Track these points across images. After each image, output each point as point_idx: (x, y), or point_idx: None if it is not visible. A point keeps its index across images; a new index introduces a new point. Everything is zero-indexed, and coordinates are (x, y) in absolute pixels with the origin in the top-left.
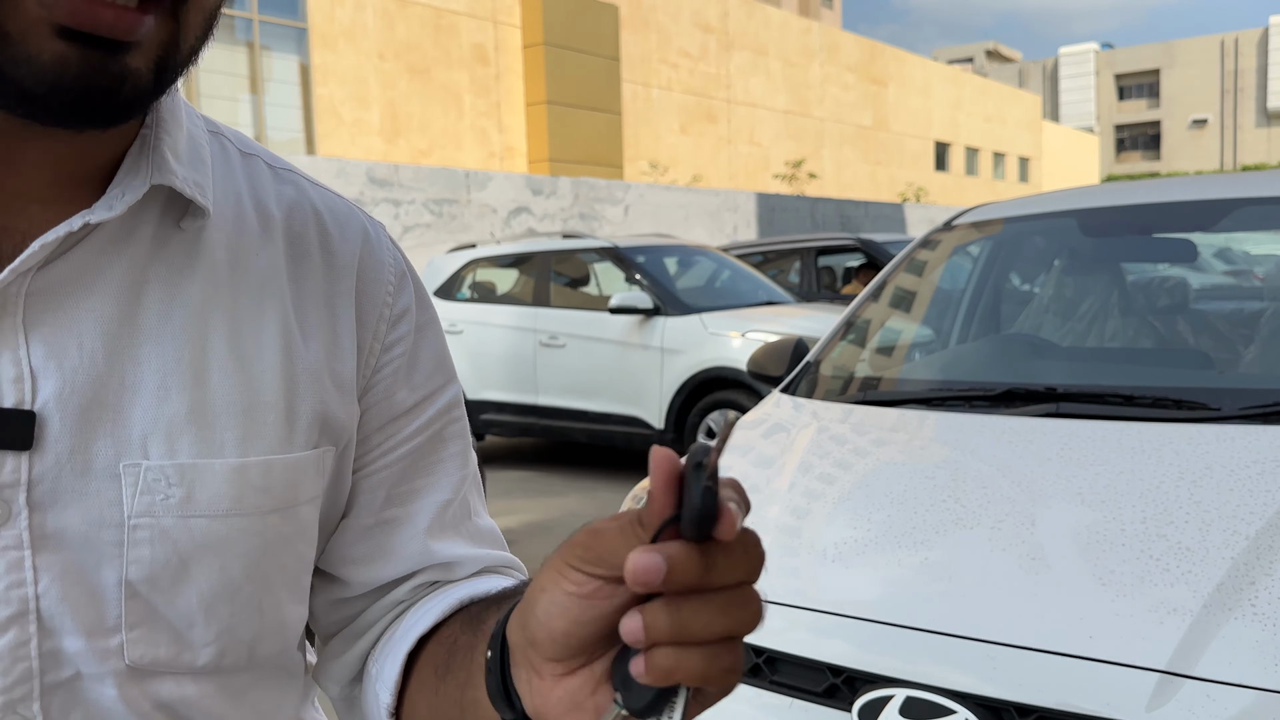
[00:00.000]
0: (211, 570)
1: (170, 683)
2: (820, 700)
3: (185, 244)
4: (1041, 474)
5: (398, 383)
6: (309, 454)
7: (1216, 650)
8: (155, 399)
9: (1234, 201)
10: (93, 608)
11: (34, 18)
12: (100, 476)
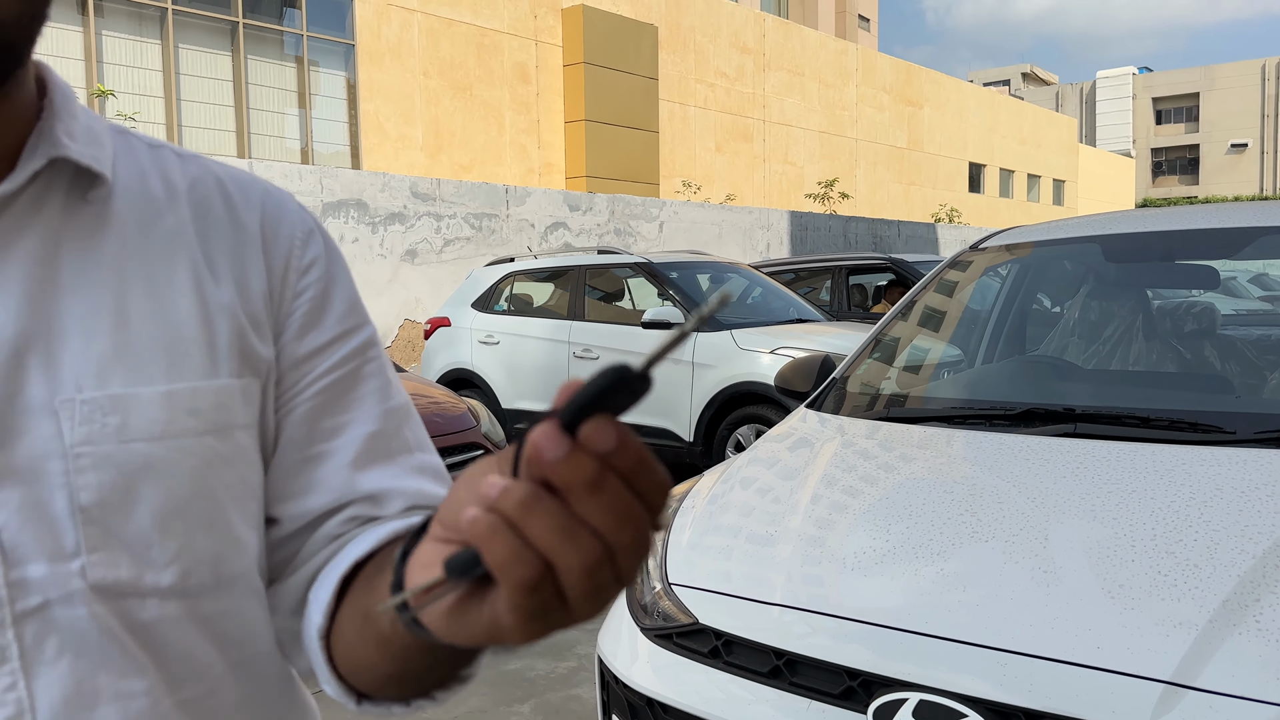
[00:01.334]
0: (158, 490)
1: (138, 604)
2: (837, 702)
3: (93, 212)
4: (1056, 491)
5: (309, 324)
6: (234, 382)
7: (1220, 663)
8: (82, 342)
9: (1257, 230)
10: (51, 535)
11: None
12: (38, 414)
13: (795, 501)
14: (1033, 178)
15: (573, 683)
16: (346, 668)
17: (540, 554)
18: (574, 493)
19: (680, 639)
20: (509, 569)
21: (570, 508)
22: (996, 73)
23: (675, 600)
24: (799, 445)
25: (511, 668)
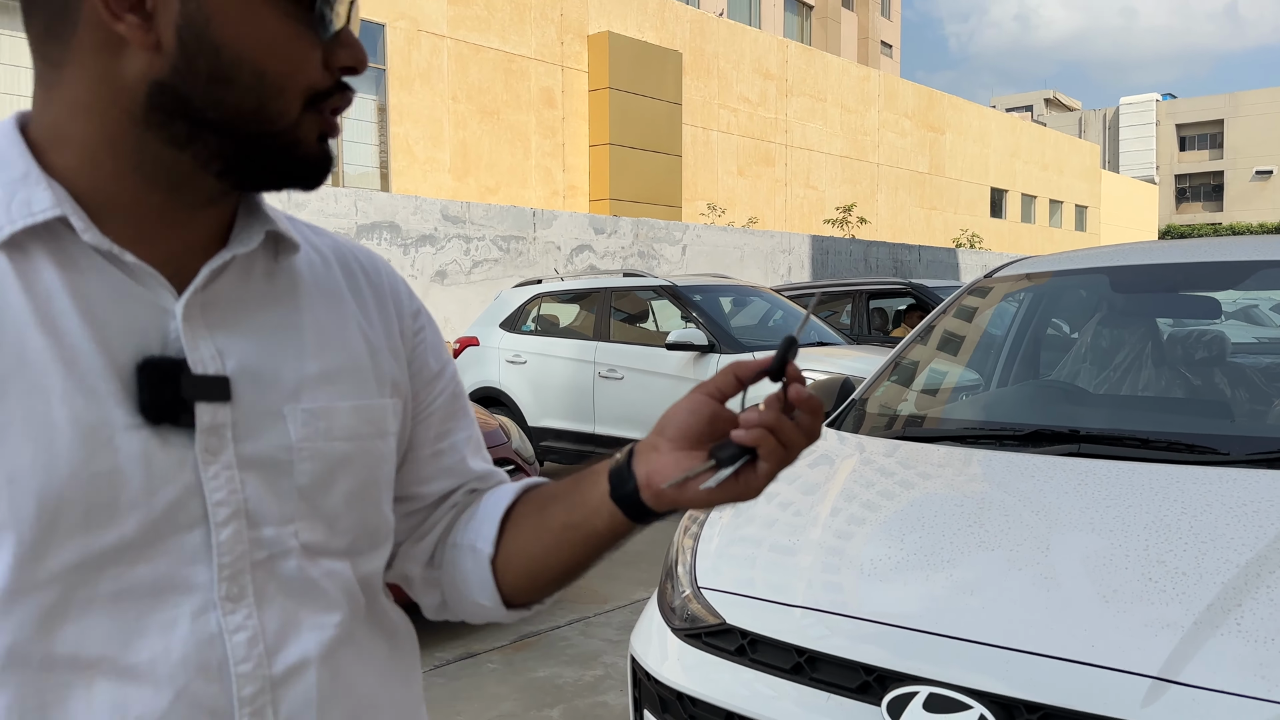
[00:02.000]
0: (347, 478)
1: (324, 560)
2: (854, 696)
3: (285, 272)
4: (1058, 505)
5: (424, 360)
6: (389, 401)
7: (1202, 661)
8: (297, 366)
9: (1257, 264)
10: (279, 506)
11: (309, 132)
12: (273, 417)
13: (815, 514)
14: (1055, 203)
15: (599, 690)
16: (511, 580)
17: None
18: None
19: (708, 638)
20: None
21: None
22: (1019, 98)
23: (704, 603)
24: (819, 462)
25: (541, 675)
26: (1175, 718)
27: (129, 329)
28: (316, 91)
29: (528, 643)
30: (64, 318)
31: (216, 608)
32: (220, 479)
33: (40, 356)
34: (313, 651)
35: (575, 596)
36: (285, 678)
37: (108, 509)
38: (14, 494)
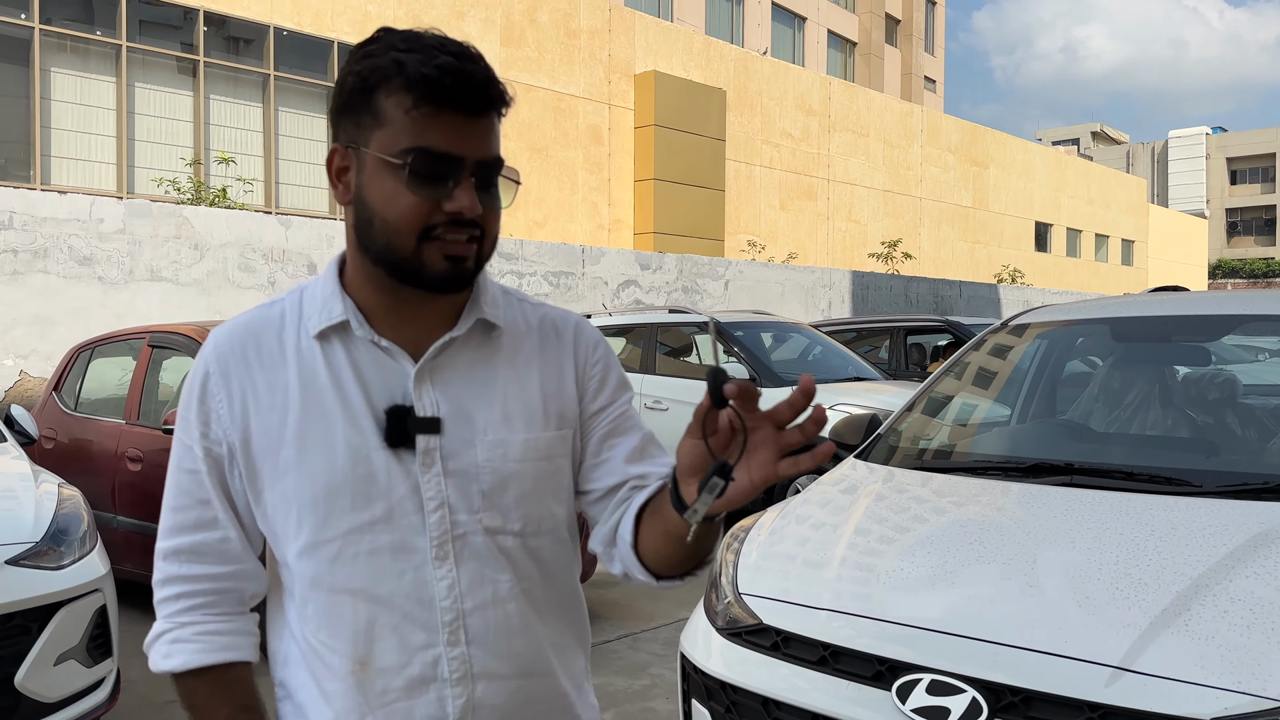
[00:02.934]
0: (517, 486)
1: (502, 538)
2: (869, 683)
3: (491, 343)
4: (1047, 527)
5: (596, 393)
6: (557, 434)
7: (1154, 653)
8: (486, 412)
9: (1238, 317)
10: (469, 501)
11: (432, 256)
12: (467, 444)
13: (841, 534)
14: (1100, 237)
15: (647, 697)
16: (649, 561)
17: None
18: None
19: (748, 636)
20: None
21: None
22: (1065, 131)
23: (744, 607)
24: (847, 490)
25: (594, 683)
26: (1130, 698)
27: (383, 387)
28: (428, 231)
29: None
30: (345, 381)
31: (429, 564)
32: (431, 484)
33: (332, 404)
34: (489, 597)
35: (624, 615)
36: (471, 612)
37: (365, 498)
38: (314, 487)
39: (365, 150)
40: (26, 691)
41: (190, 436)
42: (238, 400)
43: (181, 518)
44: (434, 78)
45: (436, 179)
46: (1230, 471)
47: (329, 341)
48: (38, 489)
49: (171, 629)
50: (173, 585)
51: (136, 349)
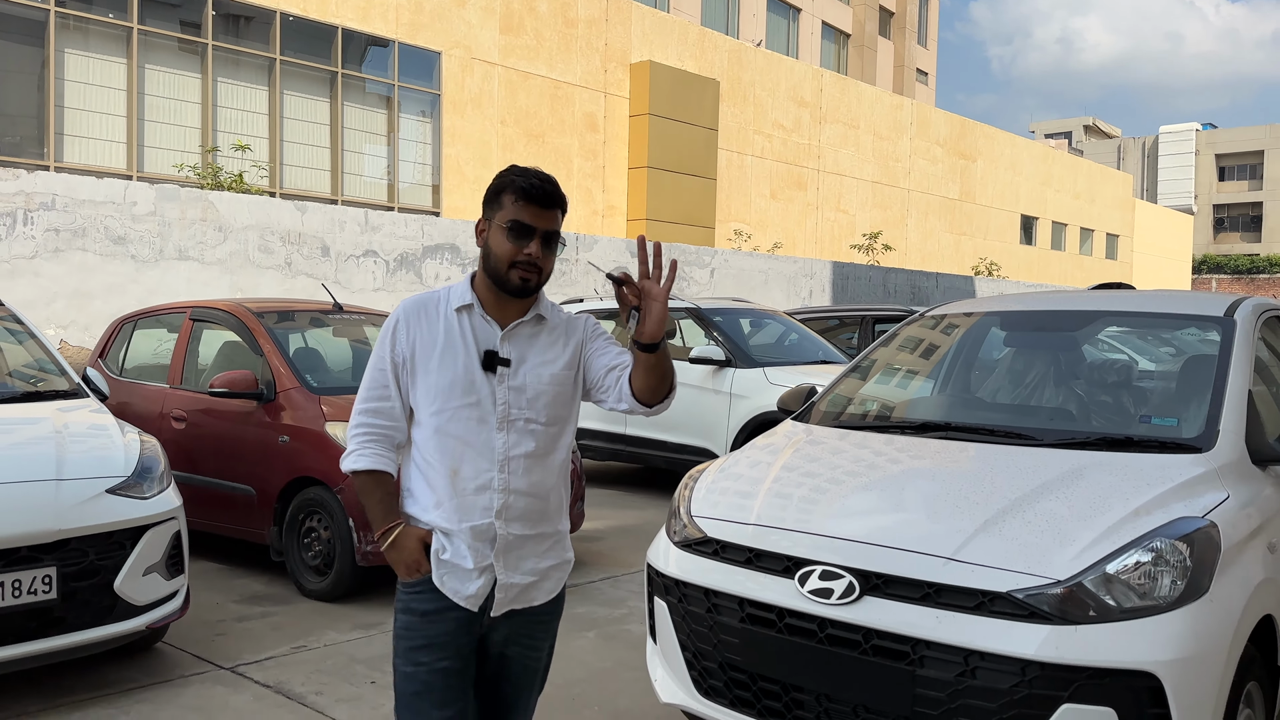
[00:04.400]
0: (546, 396)
1: (534, 424)
2: (779, 575)
3: (542, 327)
4: (918, 466)
5: (593, 342)
6: (571, 371)
7: (975, 548)
8: (534, 358)
9: (1099, 313)
10: (517, 402)
11: (514, 277)
12: (521, 374)
13: (769, 473)
14: (1086, 231)
15: (624, 622)
16: (640, 395)
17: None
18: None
19: (695, 546)
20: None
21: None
22: (1058, 124)
23: (694, 526)
24: (780, 442)
25: (579, 611)
26: (955, 578)
27: (485, 339)
28: (514, 262)
29: (569, 591)
30: (466, 334)
31: (494, 430)
32: (500, 392)
33: (458, 344)
34: (521, 452)
35: (608, 562)
36: (512, 459)
37: (467, 392)
38: (444, 382)
39: (495, 223)
40: (122, 595)
41: (384, 352)
42: (413, 336)
43: (372, 393)
44: (526, 188)
45: (522, 236)
46: (1061, 429)
47: (461, 314)
48: (124, 436)
49: (356, 450)
50: (361, 427)
51: (178, 321)
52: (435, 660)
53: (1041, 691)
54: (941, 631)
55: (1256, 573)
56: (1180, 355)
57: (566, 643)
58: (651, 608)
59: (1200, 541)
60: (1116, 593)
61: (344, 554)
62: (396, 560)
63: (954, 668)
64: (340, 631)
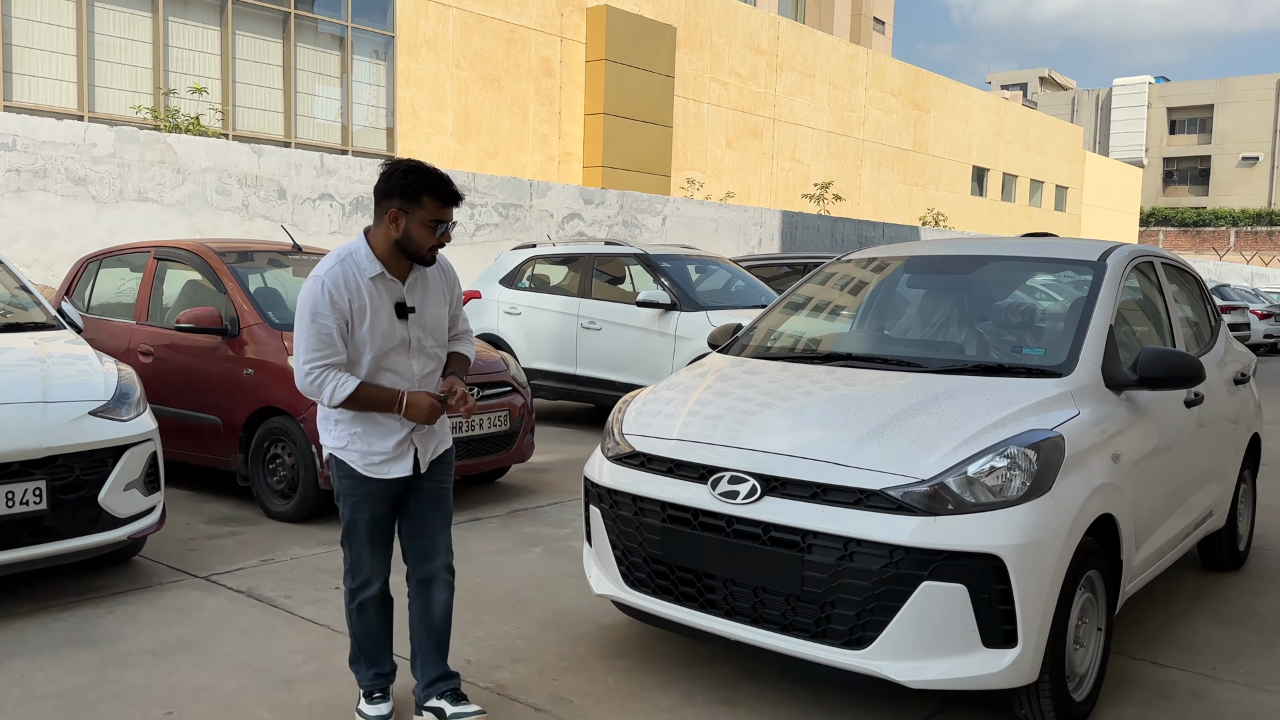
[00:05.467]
0: (437, 328)
1: (433, 348)
2: (695, 481)
3: (423, 274)
4: (818, 388)
5: (454, 304)
6: (445, 310)
7: (858, 454)
8: (427, 303)
9: (990, 258)
10: (422, 337)
11: (430, 257)
12: (418, 322)
13: (691, 396)
14: (1036, 183)
15: (569, 540)
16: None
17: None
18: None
19: (625, 460)
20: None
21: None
22: (1014, 76)
23: (626, 442)
24: (704, 370)
25: (528, 530)
26: (840, 479)
27: (394, 294)
28: (431, 246)
29: (518, 513)
30: (383, 294)
31: (411, 359)
32: (412, 331)
33: (381, 305)
34: (427, 371)
35: (555, 490)
36: (420, 378)
37: (395, 337)
38: (377, 334)
39: (414, 215)
40: (105, 507)
41: (326, 319)
42: (347, 303)
43: (322, 351)
44: (446, 196)
45: (438, 229)
46: (944, 359)
47: (374, 281)
48: (103, 364)
49: (332, 384)
50: (321, 369)
51: (142, 261)
52: (375, 509)
53: (907, 571)
54: (827, 523)
55: (1098, 477)
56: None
57: (515, 556)
58: (588, 515)
59: (1047, 449)
60: (974, 490)
61: (307, 478)
62: (417, 414)
63: (836, 553)
64: (305, 547)
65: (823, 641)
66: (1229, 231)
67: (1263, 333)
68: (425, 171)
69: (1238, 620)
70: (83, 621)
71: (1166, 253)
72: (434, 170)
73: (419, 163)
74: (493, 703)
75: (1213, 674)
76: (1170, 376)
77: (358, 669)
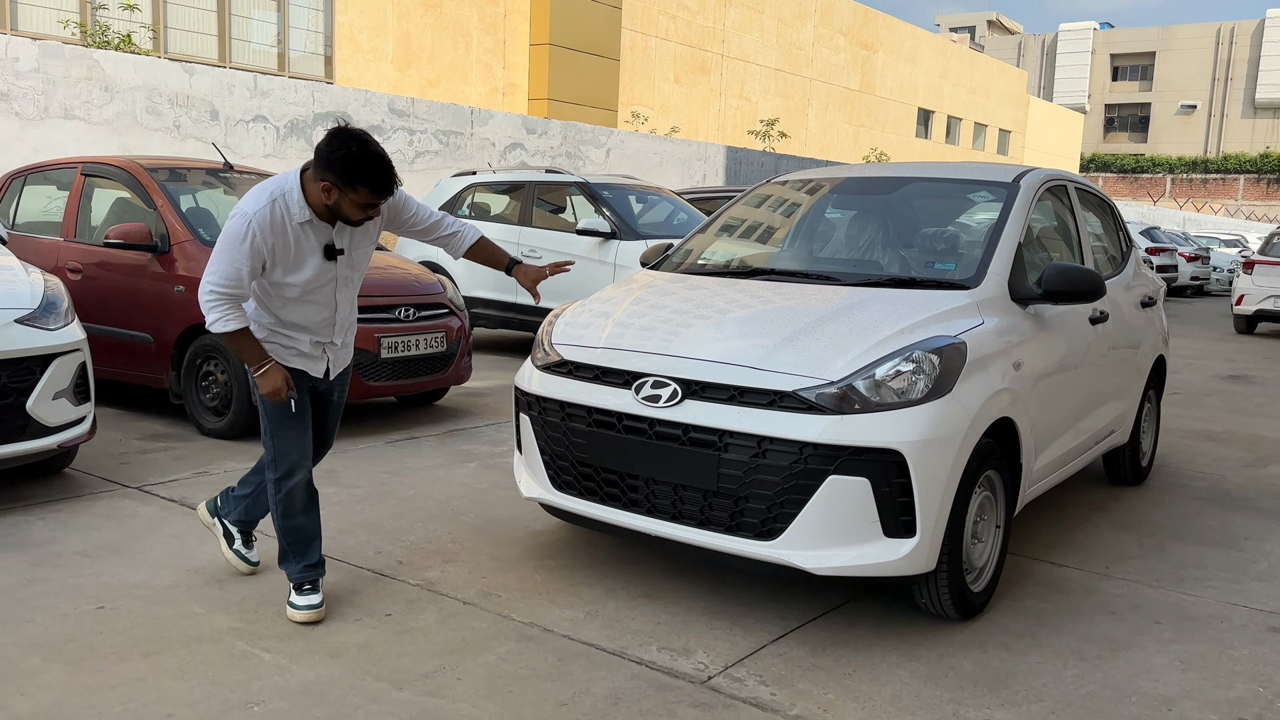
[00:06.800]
0: (363, 264)
1: (355, 280)
2: (620, 386)
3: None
4: (739, 300)
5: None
6: (373, 244)
7: (774, 359)
8: (356, 245)
9: (910, 179)
10: (348, 273)
11: (354, 222)
12: (347, 262)
13: (619, 307)
14: (980, 126)
15: (503, 457)
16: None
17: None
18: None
19: (553, 368)
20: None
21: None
22: (963, 19)
23: (554, 351)
24: (632, 284)
25: (464, 448)
26: (756, 381)
27: (324, 238)
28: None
29: (454, 433)
30: (311, 238)
31: (335, 291)
32: (340, 269)
33: (307, 248)
34: (346, 303)
35: (492, 412)
36: (340, 304)
37: (322, 276)
38: (306, 274)
39: (346, 195)
40: (34, 415)
41: (243, 256)
42: (270, 244)
43: (230, 282)
44: (380, 189)
45: (369, 210)
46: (861, 273)
47: (302, 225)
48: (29, 275)
49: (221, 316)
50: (220, 298)
51: (69, 177)
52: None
53: (815, 466)
54: (742, 423)
55: (998, 383)
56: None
57: (450, 471)
58: (518, 424)
59: (949, 354)
60: (880, 391)
61: (240, 395)
62: (266, 385)
63: (750, 451)
64: (238, 461)
65: (737, 534)
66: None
67: (1190, 274)
68: (365, 159)
69: (1134, 527)
70: (12, 527)
71: (1080, 179)
72: (374, 158)
73: (362, 143)
74: (422, 598)
75: (1105, 573)
76: (1072, 290)
77: (287, 564)
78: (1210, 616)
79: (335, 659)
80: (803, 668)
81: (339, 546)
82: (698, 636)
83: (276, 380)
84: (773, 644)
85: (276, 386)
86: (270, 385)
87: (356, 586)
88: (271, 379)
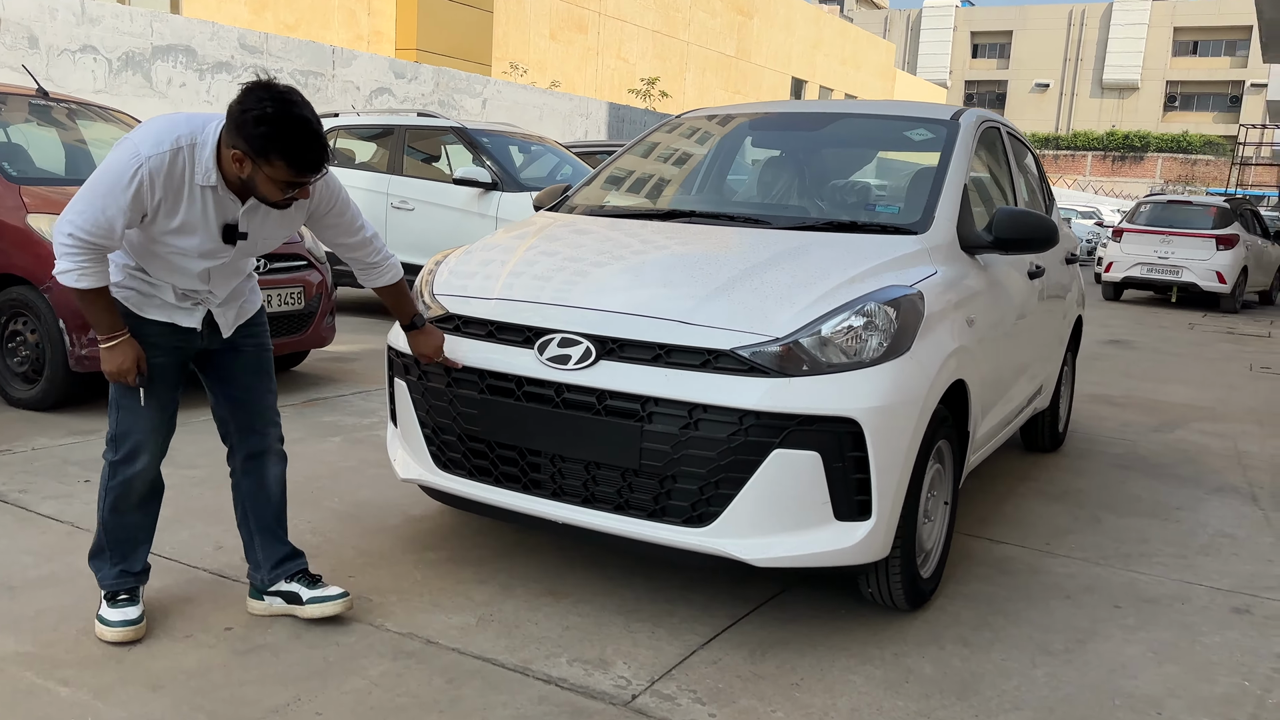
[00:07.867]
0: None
1: (242, 263)
2: (520, 345)
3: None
4: (658, 243)
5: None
6: (286, 231)
7: (704, 312)
8: (257, 234)
9: (835, 115)
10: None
11: (280, 204)
12: (245, 249)
13: (514, 253)
14: (849, 98)
15: (373, 428)
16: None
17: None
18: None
19: (437, 323)
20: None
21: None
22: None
23: (437, 304)
24: (527, 228)
25: (327, 420)
26: (684, 338)
27: (226, 214)
28: (283, 198)
29: (315, 402)
30: (210, 210)
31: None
32: (236, 254)
33: (201, 220)
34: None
35: (359, 379)
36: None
37: (207, 256)
38: (192, 249)
39: (261, 169)
40: None
41: (122, 204)
42: (157, 198)
43: (99, 229)
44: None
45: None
46: (791, 216)
47: (205, 191)
48: None
49: (77, 268)
50: (79, 247)
51: None
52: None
53: (756, 439)
54: (670, 389)
55: (954, 340)
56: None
57: (312, 446)
58: (392, 390)
59: (906, 307)
60: (829, 351)
61: (55, 359)
62: (111, 361)
63: (679, 421)
64: (51, 437)
65: (662, 520)
66: None
67: None
68: (285, 123)
69: (1061, 498)
70: None
71: (1010, 123)
72: (297, 123)
73: (283, 103)
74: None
75: (1047, 549)
76: (1025, 238)
77: (100, 565)
78: (1169, 598)
79: (157, 692)
80: (742, 677)
81: (169, 542)
82: (615, 643)
83: (123, 359)
84: (703, 648)
85: (122, 367)
86: (113, 364)
87: (189, 593)
88: (117, 356)
